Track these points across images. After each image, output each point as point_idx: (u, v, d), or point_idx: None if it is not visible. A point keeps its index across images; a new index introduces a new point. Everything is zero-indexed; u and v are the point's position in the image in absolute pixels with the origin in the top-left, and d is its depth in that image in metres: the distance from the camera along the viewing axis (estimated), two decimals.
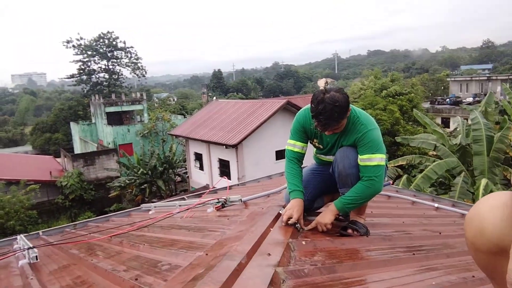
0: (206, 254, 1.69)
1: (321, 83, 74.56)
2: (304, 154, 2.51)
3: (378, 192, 2.28)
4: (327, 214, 2.30)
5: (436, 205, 4.13)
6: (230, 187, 5.70)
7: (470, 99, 39.02)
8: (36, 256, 2.56)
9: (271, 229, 2.14)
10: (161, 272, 1.69)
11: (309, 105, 2.23)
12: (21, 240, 3.26)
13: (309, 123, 2.35)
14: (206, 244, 2.06)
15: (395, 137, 16.70)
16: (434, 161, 11.95)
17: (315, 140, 2.49)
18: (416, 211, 3.82)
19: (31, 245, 2.76)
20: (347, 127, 2.27)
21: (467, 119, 14.95)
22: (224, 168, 18.35)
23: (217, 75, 79.69)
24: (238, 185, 6.38)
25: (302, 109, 2.48)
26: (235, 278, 1.34)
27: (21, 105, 76.66)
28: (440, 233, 2.71)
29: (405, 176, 12.40)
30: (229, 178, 17.20)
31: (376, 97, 25.04)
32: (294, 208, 2.25)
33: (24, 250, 2.68)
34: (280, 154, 17.36)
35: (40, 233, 4.18)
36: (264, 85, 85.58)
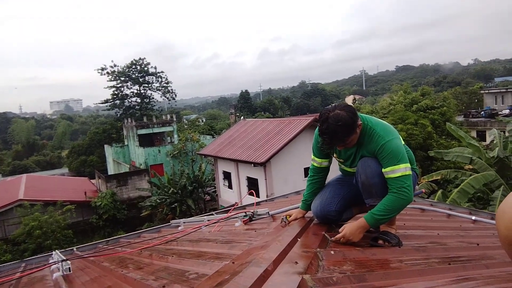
0: (233, 263, 1.68)
1: (349, 100, 73.92)
2: (324, 168, 2.62)
3: (409, 202, 2.21)
4: (357, 231, 2.18)
5: (473, 217, 3.93)
6: (259, 203, 5.68)
7: (507, 111, 37.42)
8: (69, 268, 2.63)
9: (299, 239, 2.11)
10: (188, 280, 1.69)
11: None
12: (56, 255, 3.37)
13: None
14: (233, 254, 2.05)
15: (428, 152, 16.18)
16: (470, 175, 11.45)
17: (334, 155, 2.52)
18: (452, 224, 3.65)
19: (64, 258, 2.83)
20: (363, 140, 2.25)
21: (504, 132, 14.30)
22: (253, 186, 18.33)
23: (245, 96, 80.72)
24: (266, 200, 6.36)
25: None
26: (261, 284, 1.32)
27: (59, 130, 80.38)
28: (478, 244, 2.57)
29: (440, 191, 11.94)
30: (258, 196, 17.15)
31: (407, 112, 24.49)
32: (294, 212, 2.64)
33: (58, 263, 2.76)
34: (308, 171, 17.17)
35: (74, 249, 4.30)
36: (291, 104, 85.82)
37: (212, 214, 4.82)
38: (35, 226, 18.71)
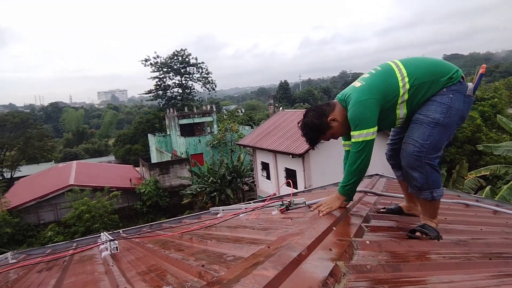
0: (268, 247, 1.74)
1: None
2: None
3: (358, 164, 2.26)
4: (334, 199, 2.47)
5: None
6: (296, 194, 5.72)
7: None
8: (117, 247, 2.82)
9: (334, 227, 2.13)
10: (226, 262, 1.77)
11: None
12: (104, 236, 3.61)
13: None
14: (268, 240, 2.11)
15: (477, 145, 15.38)
16: None
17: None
18: (498, 220, 3.50)
19: (112, 238, 3.04)
20: None
21: None
22: (291, 178, 18.33)
23: (284, 86, 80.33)
24: (303, 191, 6.37)
25: None
26: (295, 267, 1.37)
27: (106, 119, 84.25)
28: None
29: (488, 188, 11.34)
30: (296, 188, 17.14)
31: None
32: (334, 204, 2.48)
33: (106, 242, 2.97)
34: None
35: (121, 232, 4.56)
36: (331, 94, 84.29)
37: (249, 203, 4.92)
38: (85, 210, 19.90)
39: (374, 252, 1.82)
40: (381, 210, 2.86)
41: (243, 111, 61.45)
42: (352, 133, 2.24)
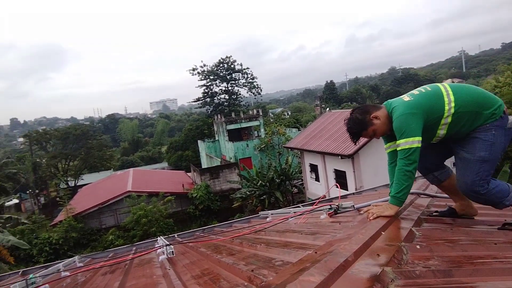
0: (315, 252, 1.78)
1: None
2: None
3: (406, 172, 2.36)
4: (385, 206, 2.50)
5: None
6: (346, 196, 5.65)
7: None
8: (173, 251, 2.98)
9: (383, 232, 2.11)
10: (274, 266, 1.83)
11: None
12: (161, 240, 3.82)
13: None
14: (316, 245, 2.14)
15: None
16: None
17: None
18: None
19: (168, 243, 3.21)
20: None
21: None
22: (341, 179, 18.02)
23: (330, 86, 79.11)
24: (353, 193, 6.28)
25: None
26: (341, 272, 1.39)
27: (158, 128, 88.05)
28: None
29: None
30: (346, 189, 16.82)
31: None
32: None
33: (163, 247, 3.15)
34: None
35: (176, 236, 4.79)
36: (380, 92, 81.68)
37: (298, 207, 4.95)
38: (142, 215, 20.93)
39: (424, 257, 1.79)
40: (433, 213, 2.78)
41: (289, 113, 61.34)
42: (398, 141, 2.39)
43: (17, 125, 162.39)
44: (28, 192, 43.56)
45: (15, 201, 39.23)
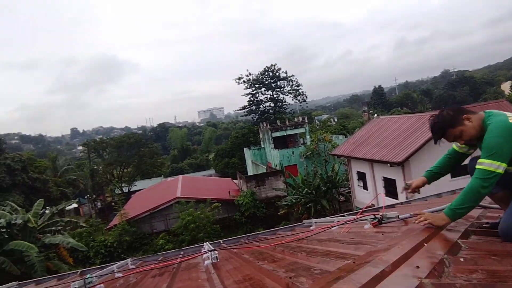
0: (354, 262, 1.80)
1: (505, 87, 63.26)
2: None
3: (478, 193, 2.25)
4: (438, 217, 2.39)
5: None
6: (393, 205, 5.51)
7: None
8: (217, 257, 3.10)
9: (425, 244, 2.07)
10: (313, 275, 1.87)
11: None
12: (207, 245, 3.97)
13: None
14: (356, 255, 2.15)
15: None
16: None
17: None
18: None
19: (213, 249, 3.34)
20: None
21: None
22: (390, 187, 17.43)
23: (378, 92, 76.90)
24: (402, 203, 6.09)
25: None
26: (376, 283, 1.40)
27: (205, 136, 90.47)
28: None
29: None
30: (396, 198, 16.23)
31: None
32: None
33: (208, 252, 3.28)
34: (455, 171, 15.45)
35: (221, 242, 4.94)
36: (432, 96, 78.04)
37: (343, 215, 4.90)
38: (190, 221, 21.56)
39: (468, 270, 1.74)
40: (484, 225, 2.66)
41: (336, 120, 60.40)
42: (482, 160, 2.22)
43: (76, 134, 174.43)
44: (86, 197, 46.65)
45: (74, 205, 42.07)
